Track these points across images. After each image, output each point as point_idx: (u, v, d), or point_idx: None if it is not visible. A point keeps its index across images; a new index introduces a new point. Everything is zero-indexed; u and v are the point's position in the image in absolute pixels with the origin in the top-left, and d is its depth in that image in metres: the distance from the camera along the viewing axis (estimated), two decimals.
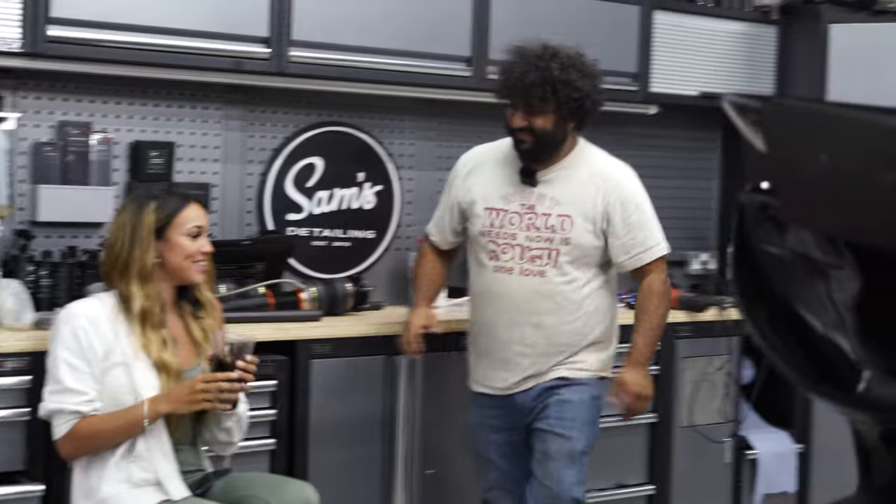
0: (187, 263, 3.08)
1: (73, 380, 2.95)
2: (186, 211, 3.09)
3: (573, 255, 3.46)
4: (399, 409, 3.94)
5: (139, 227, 3.03)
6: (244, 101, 4.27)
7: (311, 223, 4.37)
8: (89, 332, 2.96)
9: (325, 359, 3.80)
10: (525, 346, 3.50)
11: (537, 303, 3.48)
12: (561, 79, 3.36)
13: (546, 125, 3.39)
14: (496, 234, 3.51)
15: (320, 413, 3.78)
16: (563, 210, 3.46)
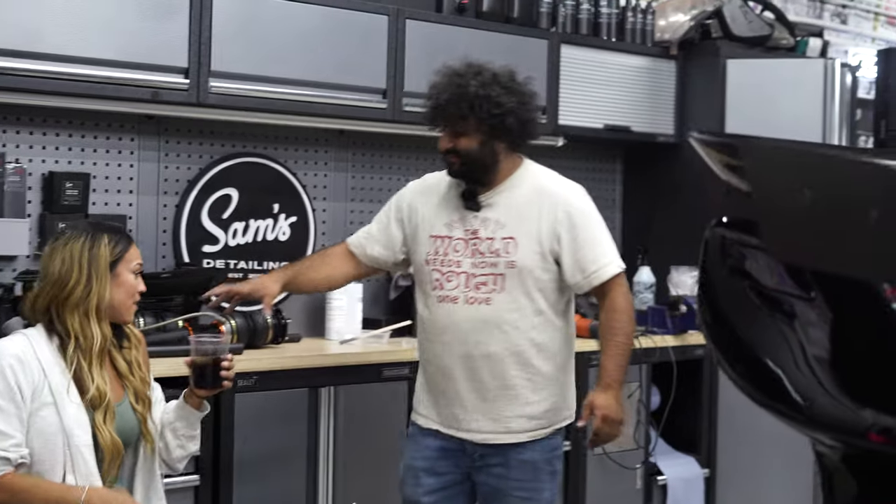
0: (129, 302, 3.01)
1: (2, 423, 2.82)
2: (133, 248, 3.03)
3: (520, 279, 3.27)
4: (322, 442, 3.91)
5: (96, 262, 2.93)
6: (159, 132, 4.21)
7: (227, 255, 4.32)
8: (17, 372, 2.84)
9: (249, 392, 3.75)
10: (474, 380, 3.30)
11: (484, 333, 3.28)
12: (479, 94, 3.21)
13: (471, 145, 3.25)
14: (440, 262, 3.34)
15: (244, 447, 3.73)
16: (506, 233, 3.28)
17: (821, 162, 1.82)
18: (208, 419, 3.61)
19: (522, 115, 3.30)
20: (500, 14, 4.76)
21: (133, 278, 3.01)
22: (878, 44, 7.31)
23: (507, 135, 3.28)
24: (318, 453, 3.91)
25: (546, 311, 3.33)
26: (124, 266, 2.99)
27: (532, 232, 3.28)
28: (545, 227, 3.28)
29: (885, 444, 1.88)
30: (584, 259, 3.29)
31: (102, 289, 2.94)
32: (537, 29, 4.86)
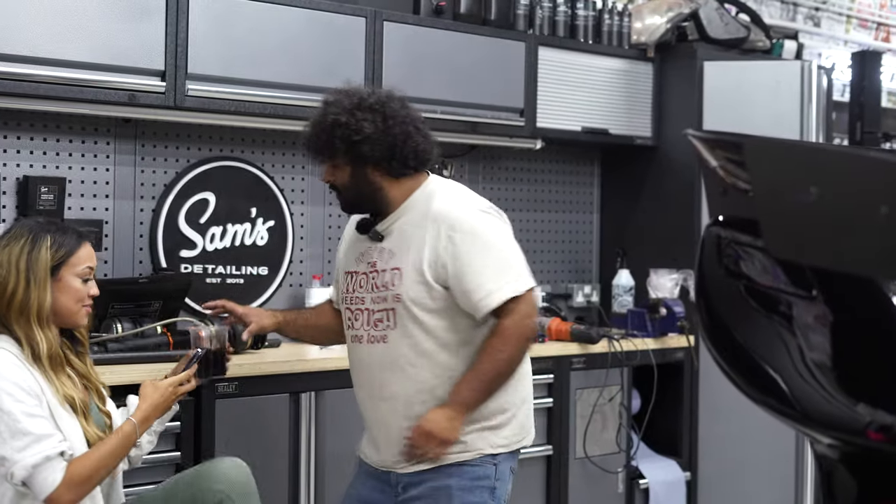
0: (77, 307, 2.94)
1: (39, 426, 2.77)
2: (81, 250, 2.93)
3: (409, 312, 3.02)
4: (303, 447, 3.87)
5: (35, 266, 2.86)
6: (135, 135, 4.15)
7: (205, 259, 4.27)
8: (23, 378, 2.79)
9: (229, 398, 3.70)
10: (381, 424, 3.13)
11: (386, 372, 3.08)
12: (338, 122, 3.00)
13: (343, 176, 3.07)
14: (350, 299, 3.17)
15: (226, 454, 3.67)
16: (395, 263, 3.06)
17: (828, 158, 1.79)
18: (188, 425, 3.59)
19: (390, 139, 3.03)
20: (478, 16, 4.74)
21: (80, 283, 2.93)
22: (850, 46, 7.35)
23: (376, 161, 3.04)
24: (299, 459, 3.86)
25: (449, 340, 3.05)
26: (68, 270, 2.91)
27: (416, 260, 3.02)
28: (429, 253, 3.01)
29: (884, 443, 1.86)
30: (468, 286, 2.99)
31: (42, 294, 2.86)
32: (514, 31, 4.83)
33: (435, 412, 3.01)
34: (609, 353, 4.68)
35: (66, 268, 2.90)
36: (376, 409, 3.15)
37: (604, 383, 4.69)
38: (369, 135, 3.01)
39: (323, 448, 3.90)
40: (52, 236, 2.90)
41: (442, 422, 3.00)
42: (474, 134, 4.74)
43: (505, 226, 3.15)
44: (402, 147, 3.05)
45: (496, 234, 3.08)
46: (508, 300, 3.00)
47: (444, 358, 3.05)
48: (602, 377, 4.69)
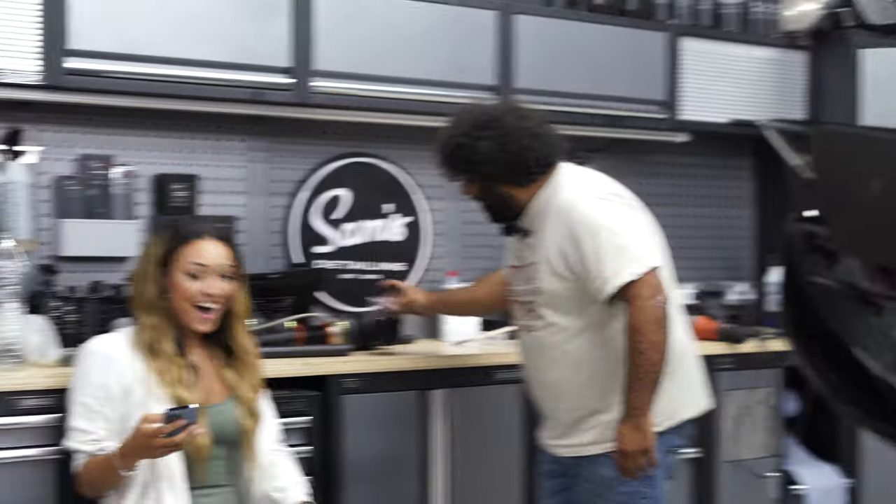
0: (186, 306, 2.91)
1: (82, 419, 2.84)
2: (190, 246, 2.90)
3: (549, 303, 3.14)
4: (433, 446, 3.81)
5: (145, 258, 2.94)
6: (268, 133, 4.18)
7: (338, 256, 4.26)
8: (102, 370, 2.85)
9: (357, 394, 3.66)
10: (543, 407, 3.30)
11: (538, 361, 3.25)
12: (458, 145, 3.15)
13: (476, 192, 3.23)
14: (511, 292, 3.32)
15: (354, 449, 3.65)
16: (534, 257, 3.17)
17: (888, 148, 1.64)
18: (317, 420, 3.57)
19: (508, 156, 3.11)
20: (615, 6, 4.62)
21: (186, 279, 2.90)
22: None
23: (498, 177, 3.16)
24: (429, 457, 3.80)
25: (588, 326, 3.12)
26: (175, 266, 2.91)
27: (547, 253, 3.12)
28: (555, 245, 3.10)
29: None
30: (588, 273, 3.05)
31: (146, 286, 2.91)
32: (654, 21, 4.70)
33: (620, 429, 3.07)
34: (759, 353, 4.48)
35: (173, 263, 2.90)
36: (538, 394, 3.29)
37: (754, 385, 4.49)
38: (487, 154, 3.12)
39: (454, 446, 3.82)
40: (168, 231, 2.94)
41: (628, 435, 3.06)
42: (614, 127, 4.62)
43: (627, 210, 3.17)
44: (521, 160, 3.13)
45: (613, 219, 3.09)
46: (628, 284, 3.01)
47: (584, 343, 3.12)
48: (753, 378, 4.49)
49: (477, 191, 3.22)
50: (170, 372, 2.87)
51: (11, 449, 3.09)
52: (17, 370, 3.20)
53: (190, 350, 2.95)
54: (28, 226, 3.62)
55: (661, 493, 3.18)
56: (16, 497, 3.09)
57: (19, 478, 3.09)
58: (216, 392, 2.97)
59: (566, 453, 3.24)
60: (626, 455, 3.06)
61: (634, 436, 3.04)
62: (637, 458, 3.05)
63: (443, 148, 3.22)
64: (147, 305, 2.89)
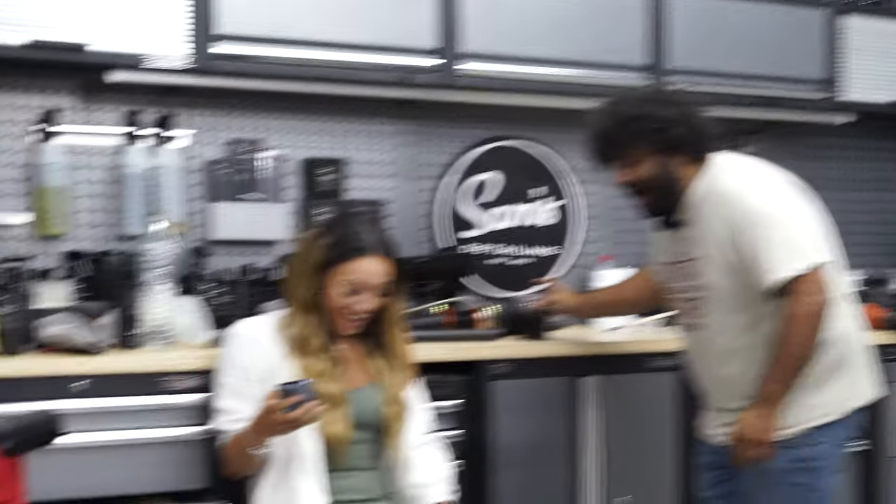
0: (336, 314, 2.87)
1: (226, 399, 2.86)
2: (354, 263, 2.82)
3: (717, 299, 3.01)
4: (584, 433, 3.71)
5: (306, 258, 2.87)
6: (416, 116, 4.15)
7: (487, 240, 4.20)
8: (246, 352, 2.85)
9: (507, 379, 3.59)
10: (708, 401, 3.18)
11: (705, 359, 3.12)
12: (635, 115, 2.99)
13: (648, 171, 3.01)
14: (667, 288, 3.20)
15: (504, 435, 3.58)
16: (696, 252, 3.03)
17: None
18: (467, 405, 3.51)
19: (687, 123, 3.00)
20: None
21: (341, 291, 2.84)
22: None
23: (678, 147, 3.00)
24: (580, 444, 3.71)
25: (758, 321, 2.98)
26: (335, 276, 2.84)
27: (713, 246, 2.98)
28: (720, 237, 2.96)
29: None
30: (751, 265, 2.92)
31: (305, 284, 2.86)
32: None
33: (745, 414, 2.98)
34: None
35: (334, 273, 2.84)
36: (706, 387, 3.16)
37: None
38: (672, 120, 2.98)
39: (606, 434, 3.72)
40: (336, 236, 2.86)
41: (751, 420, 2.96)
42: (770, 108, 4.45)
43: (795, 202, 3.02)
44: (692, 130, 3.00)
45: (780, 210, 2.96)
46: (791, 280, 2.89)
47: (756, 338, 2.99)
48: None
49: (645, 169, 3.00)
50: (315, 366, 2.85)
51: (161, 428, 3.10)
52: (168, 351, 3.23)
53: (338, 342, 2.93)
54: (179, 209, 3.67)
55: (829, 486, 3.03)
56: (166, 477, 3.11)
57: (169, 457, 3.11)
58: (360, 378, 2.95)
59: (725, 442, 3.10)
60: (742, 441, 2.97)
61: (757, 423, 2.95)
62: (752, 448, 2.96)
63: (610, 125, 3.04)
64: (301, 303, 2.87)
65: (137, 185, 3.64)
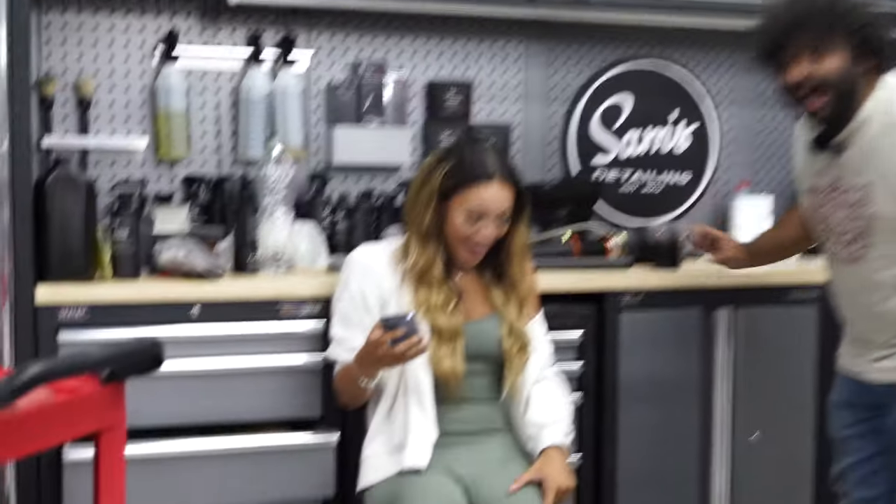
0: (457, 244, 2.79)
1: (340, 327, 2.82)
2: (476, 189, 2.74)
3: (886, 229, 2.75)
4: (716, 368, 3.56)
5: (426, 185, 2.79)
6: (546, 37, 3.99)
7: (619, 166, 4.04)
8: (362, 280, 2.80)
9: (636, 311, 3.46)
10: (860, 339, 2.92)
11: (863, 294, 2.85)
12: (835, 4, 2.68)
13: (836, 66, 2.68)
14: (818, 217, 2.92)
15: (630, 369, 3.45)
16: (863, 178, 2.74)
17: None
18: (591, 337, 3.39)
19: (883, 29, 2.72)
20: None
21: (463, 220, 2.75)
22: None
23: (870, 52, 2.70)
24: (713, 378, 3.56)
25: None
26: (456, 203, 2.76)
27: (888, 172, 2.70)
28: None
29: None
30: None
31: (423, 213, 2.78)
32: None
33: None
34: None
35: (455, 199, 2.76)
36: (864, 325, 2.89)
37: None
38: (869, 18, 2.71)
39: (741, 369, 3.57)
40: (458, 161, 2.77)
41: None
42: None
43: None
44: (883, 38, 2.72)
45: None
46: None
47: None
48: None
49: (839, 62, 2.67)
50: (433, 298, 2.78)
51: (277, 355, 3.07)
52: (285, 277, 3.19)
53: (456, 273, 2.86)
54: (300, 133, 3.61)
55: None
56: (283, 404, 3.08)
57: (285, 385, 3.08)
58: (479, 310, 2.87)
59: (885, 379, 2.86)
60: None
61: None
62: None
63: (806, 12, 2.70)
64: (422, 232, 2.79)
65: (258, 108, 3.59)
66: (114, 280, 3.01)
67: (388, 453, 2.78)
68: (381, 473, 2.77)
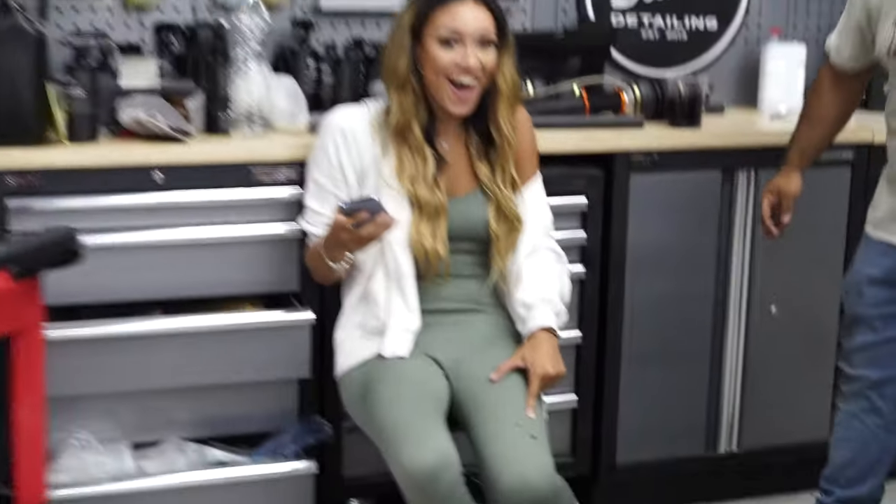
0: (439, 81, 2.50)
1: (315, 199, 2.59)
2: (444, 9, 2.47)
3: None
4: (735, 234, 3.28)
5: (398, 26, 2.54)
6: None
7: (640, 9, 3.69)
8: (341, 148, 2.55)
9: (649, 173, 3.17)
10: None
11: None
12: None
13: None
14: None
15: (639, 237, 3.19)
16: None
17: None
18: (597, 203, 3.12)
19: None
20: None
21: (439, 48, 2.48)
22: None
23: None
24: (730, 247, 3.29)
25: None
26: (428, 38, 2.50)
27: None
28: None
29: None
30: None
31: (397, 57, 2.52)
32: None
33: None
34: None
35: (427, 31, 2.50)
36: None
37: None
38: None
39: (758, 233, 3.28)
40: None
41: None
42: None
43: None
44: None
45: None
46: None
47: None
48: None
49: None
50: (412, 164, 2.53)
51: (252, 224, 2.83)
52: (261, 137, 2.93)
53: (442, 137, 2.58)
54: None
55: None
56: (257, 278, 2.86)
57: (261, 257, 2.84)
58: (465, 184, 2.61)
59: None
60: None
61: None
62: None
63: None
64: (399, 82, 2.52)
65: None
66: (69, 143, 2.75)
67: (362, 337, 2.58)
68: (356, 358, 2.58)
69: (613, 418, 3.26)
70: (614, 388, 3.24)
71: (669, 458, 3.34)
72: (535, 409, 2.47)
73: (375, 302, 2.56)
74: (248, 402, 2.93)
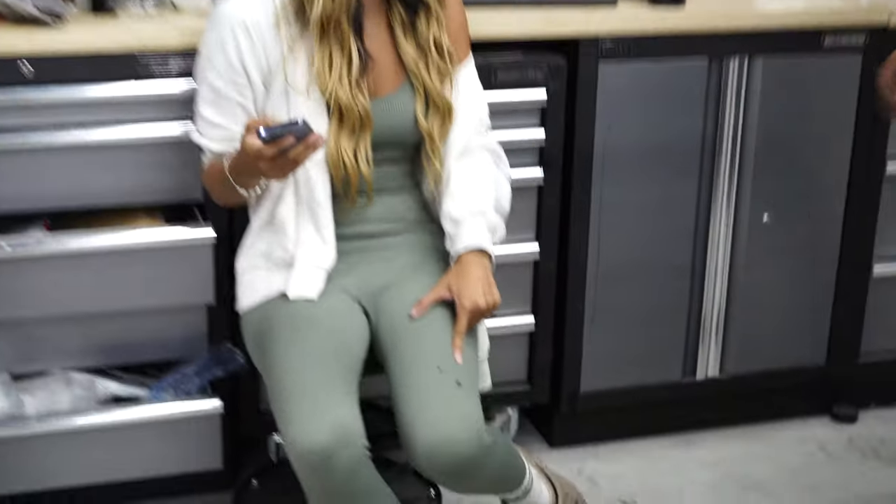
0: None
1: (210, 107, 2.15)
2: None
3: None
4: (725, 132, 2.85)
5: None
6: None
7: None
8: (242, 45, 2.09)
9: (619, 62, 2.73)
10: None
11: None
12: None
13: None
14: None
15: (607, 136, 2.76)
16: None
17: None
18: (559, 97, 2.69)
19: None
20: None
21: None
22: None
23: None
24: (717, 147, 2.85)
25: None
26: None
27: None
28: None
29: None
30: None
31: None
32: None
33: None
34: None
35: None
36: None
37: None
38: None
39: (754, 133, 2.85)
40: None
41: None
42: None
43: None
44: None
45: None
46: None
47: None
48: None
49: None
50: (333, 64, 2.08)
51: (142, 123, 2.41)
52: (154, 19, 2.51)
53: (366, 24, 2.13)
54: None
55: None
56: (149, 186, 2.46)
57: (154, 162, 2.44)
58: (388, 81, 2.18)
59: None
60: None
61: None
62: None
63: None
64: None
65: None
66: None
67: (267, 268, 2.19)
68: (258, 294, 2.20)
69: (577, 341, 2.88)
70: (578, 308, 2.86)
71: (640, 385, 2.97)
72: (462, 349, 2.08)
73: (283, 230, 2.15)
74: (152, 329, 2.56)
